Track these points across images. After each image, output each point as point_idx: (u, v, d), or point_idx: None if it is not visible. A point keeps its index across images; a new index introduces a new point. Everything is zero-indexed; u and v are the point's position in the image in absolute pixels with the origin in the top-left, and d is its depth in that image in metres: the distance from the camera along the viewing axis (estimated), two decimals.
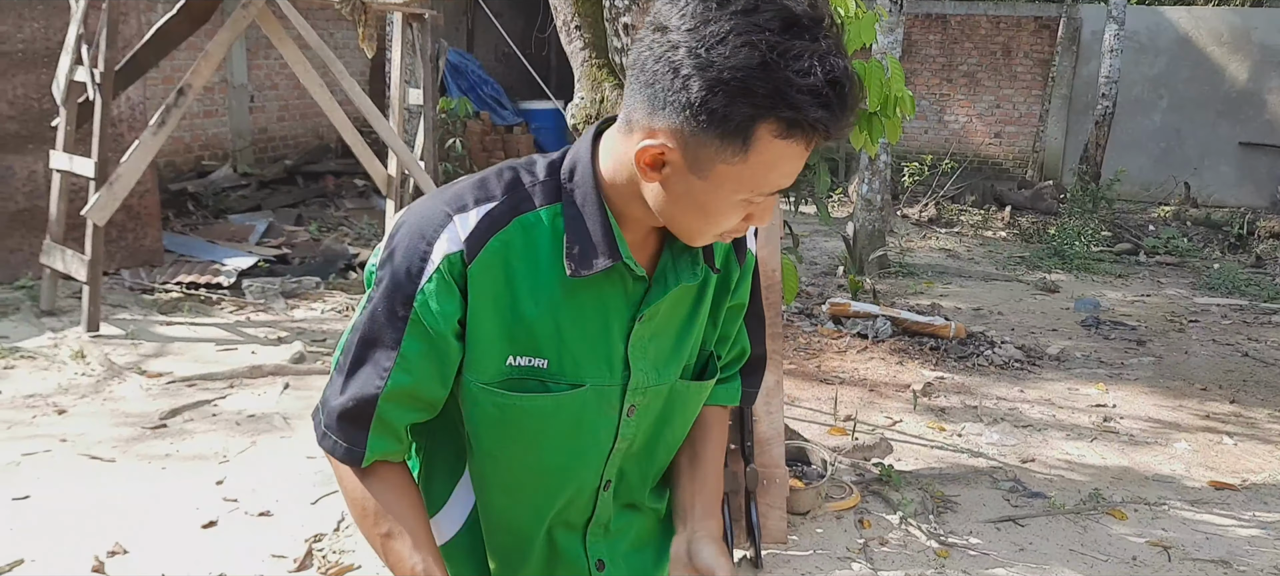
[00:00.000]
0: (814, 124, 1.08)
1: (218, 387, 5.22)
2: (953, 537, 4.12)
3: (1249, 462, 5.10)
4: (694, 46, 1.08)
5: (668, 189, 1.17)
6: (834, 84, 1.07)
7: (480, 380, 1.27)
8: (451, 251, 1.20)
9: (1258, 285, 8.98)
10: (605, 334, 1.29)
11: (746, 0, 1.08)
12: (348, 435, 1.27)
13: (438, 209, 1.23)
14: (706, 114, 1.08)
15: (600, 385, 1.31)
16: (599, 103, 4.30)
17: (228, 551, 3.68)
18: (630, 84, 1.17)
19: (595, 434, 1.34)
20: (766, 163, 1.12)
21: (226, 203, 9.16)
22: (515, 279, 1.23)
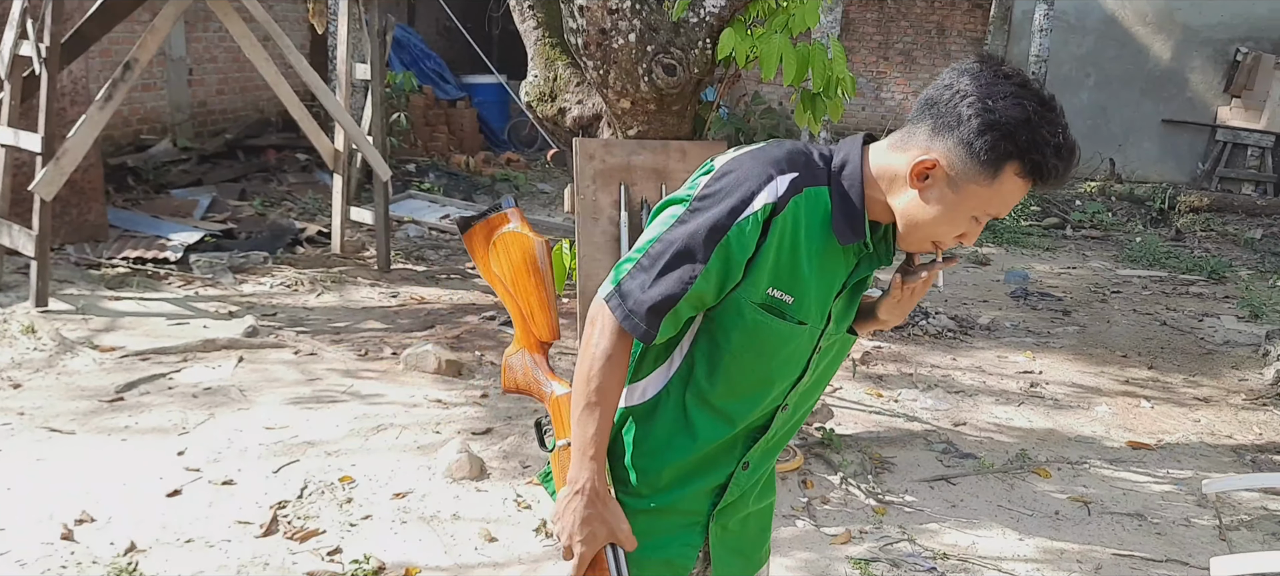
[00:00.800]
0: (1050, 170, 1.51)
1: (172, 361, 5.27)
2: (890, 496, 4.35)
3: (1165, 424, 5.42)
4: (981, 97, 1.50)
5: (923, 195, 1.58)
6: (1069, 148, 1.52)
7: (750, 298, 1.63)
8: (768, 201, 1.57)
9: (1177, 258, 9.39)
10: (829, 289, 1.68)
11: (1022, 78, 1.52)
12: (650, 321, 1.61)
13: (762, 168, 1.60)
14: (980, 144, 1.51)
15: (814, 326, 1.69)
16: (553, 81, 4.44)
17: (194, 518, 3.77)
18: (918, 114, 1.58)
19: (797, 362, 1.71)
20: (1003, 192, 1.54)
21: (167, 177, 9.10)
22: (796, 232, 1.60)
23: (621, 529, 1.70)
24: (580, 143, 3.94)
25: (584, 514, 1.67)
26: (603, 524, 1.68)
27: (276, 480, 4.11)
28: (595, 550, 1.69)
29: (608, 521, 1.69)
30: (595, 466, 1.67)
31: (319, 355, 5.54)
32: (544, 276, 1.86)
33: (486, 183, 10.92)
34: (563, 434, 1.79)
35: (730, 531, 1.84)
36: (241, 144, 10.47)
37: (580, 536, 1.68)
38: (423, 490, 4.09)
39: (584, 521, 1.67)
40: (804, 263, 1.62)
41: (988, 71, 1.53)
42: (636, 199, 3.96)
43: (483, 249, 1.90)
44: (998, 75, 1.53)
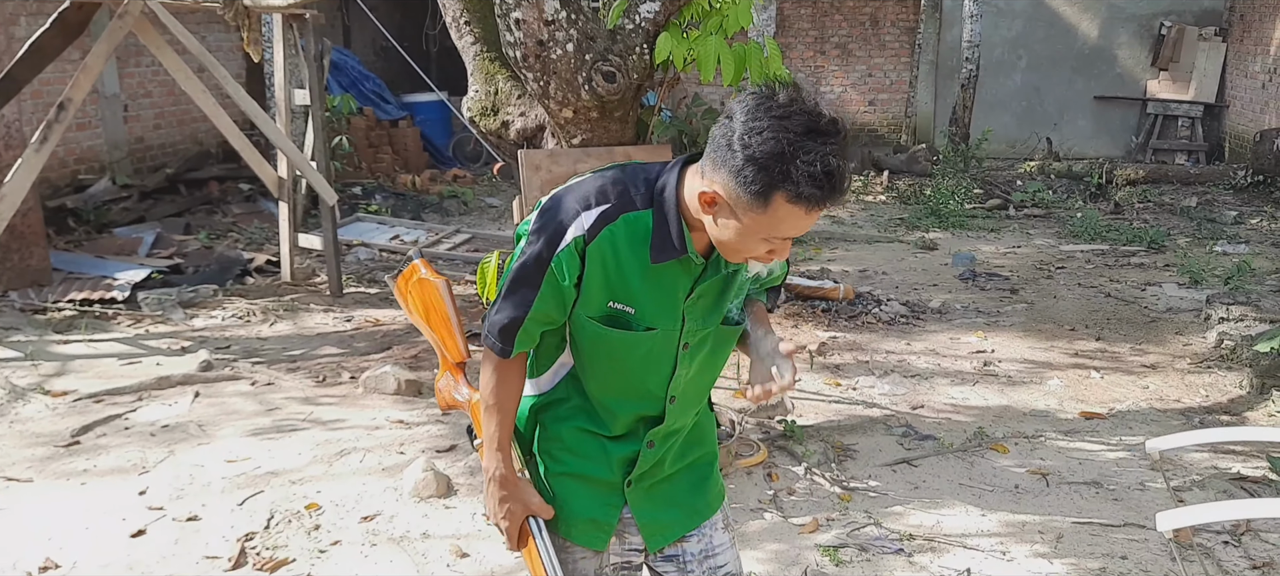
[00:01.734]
0: (810, 198, 1.63)
1: (126, 401, 5.20)
2: (854, 482, 4.42)
3: (1115, 393, 5.55)
4: (742, 133, 1.64)
5: (716, 222, 1.74)
6: (828, 175, 1.62)
7: (587, 314, 1.88)
8: (577, 235, 1.80)
9: (1117, 230, 9.61)
10: (673, 296, 1.88)
11: (785, 109, 1.63)
12: (503, 339, 1.90)
13: (574, 204, 1.82)
14: (742, 178, 1.64)
15: (668, 330, 1.91)
16: (494, 94, 4.45)
17: (160, 557, 3.73)
18: (708, 146, 1.72)
19: (661, 362, 1.94)
20: (778, 218, 1.67)
21: (108, 216, 8.95)
22: (619, 253, 1.82)
23: (534, 502, 2.01)
24: (525, 154, 3.96)
25: (499, 495, 1.99)
26: (516, 501, 2.00)
27: (242, 512, 4.08)
28: (517, 523, 2.00)
29: (520, 498, 2.00)
30: (501, 456, 1.98)
31: (276, 385, 5.50)
32: (449, 311, 2.19)
33: (434, 201, 10.88)
34: (481, 432, 2.08)
35: (655, 491, 2.07)
36: (183, 178, 10.33)
37: (501, 514, 2.00)
38: (391, 511, 4.08)
39: (501, 502, 1.99)
40: (633, 278, 1.85)
41: (756, 104, 1.65)
42: None
43: (404, 295, 2.26)
44: (763, 108, 1.64)
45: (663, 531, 2.10)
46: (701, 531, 2.15)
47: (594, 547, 2.06)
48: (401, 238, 9.23)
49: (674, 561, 2.13)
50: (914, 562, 3.77)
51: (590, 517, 2.04)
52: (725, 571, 2.17)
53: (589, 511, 2.04)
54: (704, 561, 2.14)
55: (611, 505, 2.05)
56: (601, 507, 2.05)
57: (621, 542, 2.09)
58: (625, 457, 2.03)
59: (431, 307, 2.21)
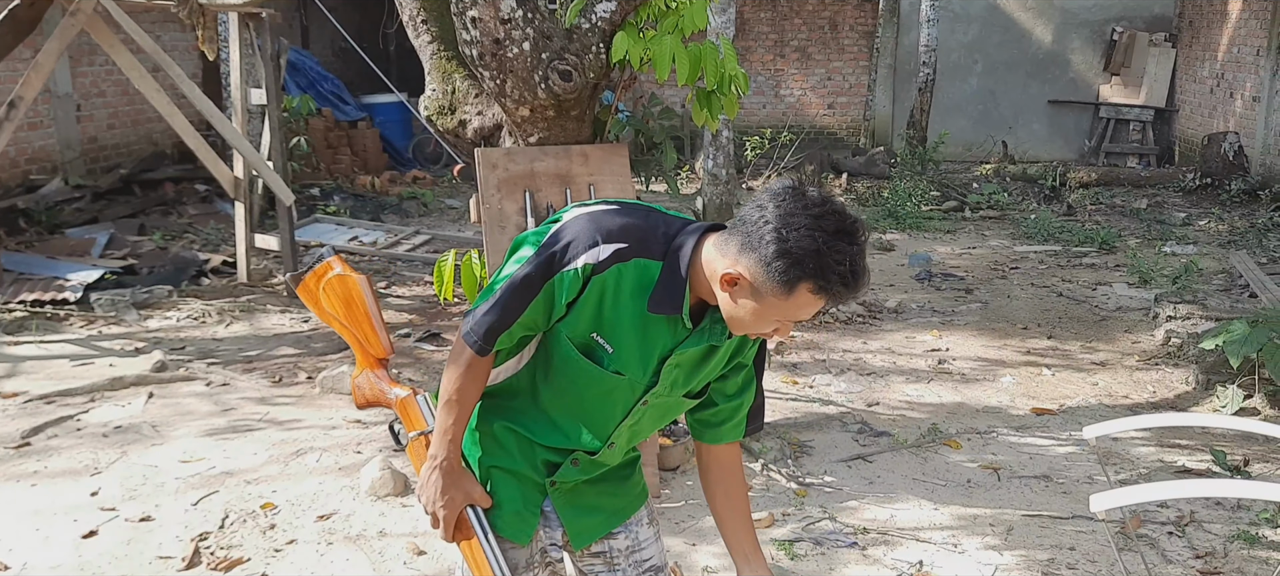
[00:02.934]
0: (837, 293, 1.74)
1: (78, 403, 5.14)
2: (810, 478, 4.47)
3: (1065, 389, 5.65)
4: (778, 225, 1.72)
5: (733, 298, 1.81)
6: (855, 274, 1.73)
7: (569, 334, 1.93)
8: (587, 263, 1.85)
9: (1070, 231, 9.76)
10: (652, 351, 1.94)
11: (819, 208, 1.73)
12: (486, 339, 1.91)
13: (592, 234, 1.86)
14: (773, 268, 1.73)
15: (635, 380, 1.96)
16: (451, 93, 4.45)
17: (113, 558, 3.70)
18: (733, 229, 1.80)
19: (615, 406, 2.00)
20: (798, 305, 1.77)
21: (61, 217, 8.83)
22: (620, 293, 1.89)
23: (475, 491, 2.04)
24: (482, 153, 3.97)
25: (443, 483, 2.00)
26: (459, 490, 2.02)
27: (196, 512, 4.05)
28: (455, 512, 2.02)
29: (463, 487, 2.02)
30: (452, 447, 2.00)
31: (232, 385, 5.45)
32: (370, 306, 2.17)
33: (393, 202, 10.83)
34: (411, 428, 2.10)
35: (578, 494, 2.12)
36: (137, 178, 10.20)
37: (442, 502, 2.01)
38: (347, 510, 4.07)
39: (443, 490, 2.00)
40: (624, 320, 1.91)
41: (792, 200, 1.74)
42: (542, 205, 4.01)
43: (314, 296, 2.19)
44: (800, 204, 1.73)
45: (586, 531, 2.16)
46: (628, 527, 2.21)
47: (519, 541, 2.09)
48: (360, 239, 9.18)
49: (602, 558, 2.20)
50: (868, 556, 3.82)
51: (515, 510, 2.08)
52: (650, 564, 2.23)
53: (514, 504, 2.08)
54: (631, 556, 2.21)
55: (534, 503, 2.10)
56: (525, 503, 2.09)
57: (545, 533, 2.15)
58: (549, 462, 2.08)
59: (352, 303, 2.18)
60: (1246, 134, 11.72)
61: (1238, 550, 3.85)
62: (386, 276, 8.03)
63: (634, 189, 4.15)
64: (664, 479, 4.32)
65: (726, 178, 9.54)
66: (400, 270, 8.22)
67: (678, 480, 4.37)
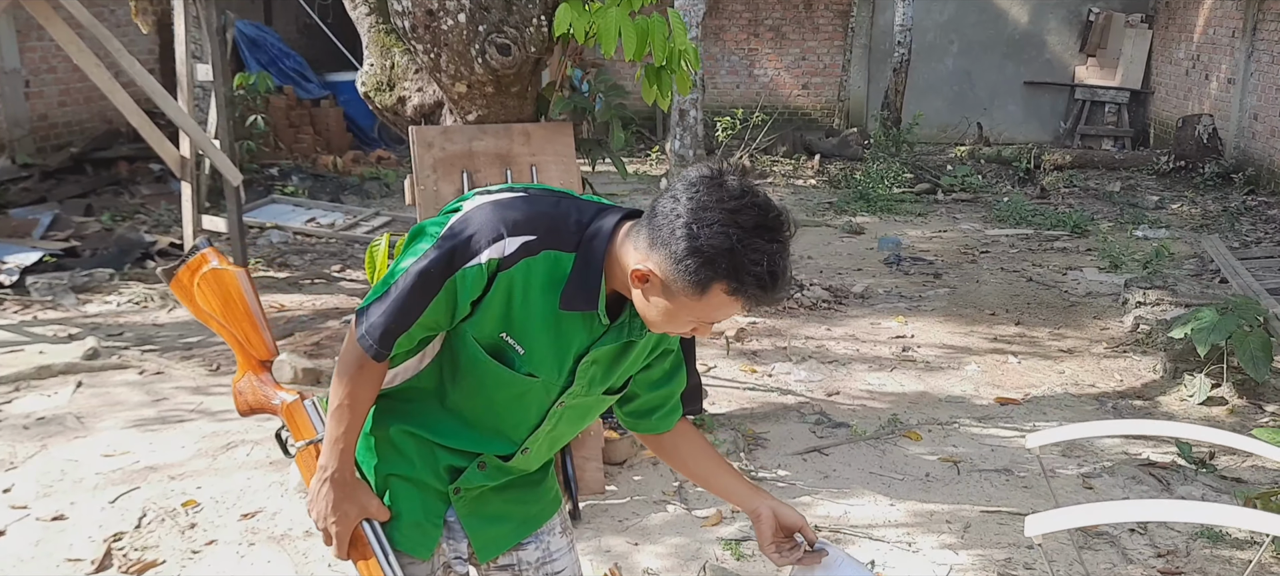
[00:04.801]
0: (751, 295, 1.59)
1: (2, 392, 4.90)
2: (762, 471, 4.29)
3: (1031, 378, 5.50)
4: (690, 221, 1.56)
5: (646, 296, 1.66)
6: (772, 275, 1.57)
7: (475, 334, 1.74)
8: (492, 258, 1.67)
9: (1042, 215, 9.62)
10: (567, 350, 1.77)
11: (736, 200, 1.56)
12: (382, 342, 1.71)
13: (495, 225, 1.68)
14: (683, 266, 1.57)
15: (549, 381, 1.79)
16: (390, 69, 4.24)
17: (18, 560, 3.49)
18: (646, 220, 1.64)
19: (530, 410, 1.83)
20: (713, 306, 1.62)
21: (6, 197, 8.54)
22: (530, 289, 1.70)
23: (371, 504, 1.85)
24: (417, 131, 3.76)
25: (334, 497, 1.81)
26: (353, 503, 1.82)
27: (113, 510, 3.84)
28: (350, 528, 1.83)
29: (357, 500, 1.83)
30: (344, 457, 1.80)
31: (166, 374, 5.23)
32: (250, 303, 1.99)
33: (355, 182, 10.58)
34: (299, 436, 1.93)
35: (484, 501, 1.94)
36: (89, 157, 9.90)
37: (334, 517, 1.82)
38: (273, 508, 3.87)
39: (335, 505, 1.81)
40: (535, 319, 1.73)
41: (707, 190, 1.59)
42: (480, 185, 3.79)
43: (189, 292, 2.01)
44: (715, 196, 1.58)
45: (493, 543, 1.98)
46: (538, 537, 2.03)
47: (419, 555, 1.90)
48: (318, 220, 8.94)
49: (510, 570, 2.02)
50: None
51: (415, 521, 1.89)
52: None
53: (414, 514, 1.89)
54: (540, 568, 2.04)
55: (436, 512, 1.91)
56: (426, 512, 1.90)
57: (449, 546, 1.95)
58: (452, 466, 1.89)
59: (229, 300, 2.00)
60: (1221, 116, 11.61)
61: (1200, 549, 3.70)
62: (343, 259, 7.81)
63: (578, 170, 3.95)
64: (609, 474, 4.14)
65: (694, 159, 9.34)
66: (357, 253, 7.99)
67: (624, 475, 4.18)
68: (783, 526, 1.95)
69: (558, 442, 1.97)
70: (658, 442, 2.05)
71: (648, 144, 13.41)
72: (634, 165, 12.43)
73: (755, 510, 1.96)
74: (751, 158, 12.14)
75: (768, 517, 1.95)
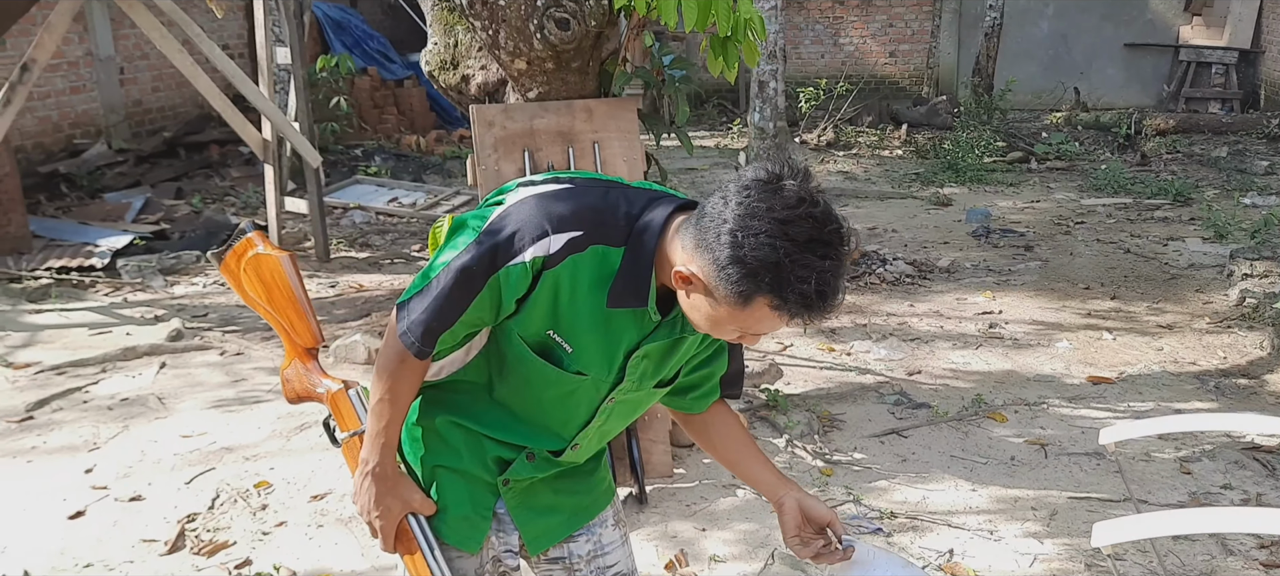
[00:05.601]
0: (797, 314, 1.50)
1: (89, 373, 5.03)
2: (838, 454, 4.16)
3: (1126, 355, 5.23)
4: (735, 229, 1.46)
5: (689, 297, 1.58)
6: (820, 294, 1.47)
7: (521, 332, 1.68)
8: (537, 255, 1.59)
9: (1142, 183, 9.20)
10: (616, 347, 1.70)
11: (789, 210, 1.45)
12: (424, 340, 1.65)
13: (539, 221, 1.60)
14: (725, 274, 1.48)
15: (598, 378, 1.73)
16: (453, 47, 4.19)
17: (95, 541, 3.55)
18: (694, 219, 1.55)
19: (579, 407, 1.77)
20: (756, 318, 1.53)
21: (103, 181, 8.80)
22: (577, 286, 1.63)
23: (414, 498, 1.80)
24: (477, 110, 3.70)
25: (376, 491, 1.77)
26: (396, 498, 1.78)
27: (188, 492, 3.89)
28: (394, 522, 1.79)
29: (400, 495, 1.79)
30: (385, 451, 1.76)
31: (246, 354, 5.30)
32: (294, 289, 1.93)
33: (437, 162, 10.64)
34: (346, 426, 1.87)
35: (534, 492, 1.87)
36: (181, 141, 10.15)
37: (377, 511, 1.78)
38: (342, 490, 3.87)
39: (377, 499, 1.77)
40: (583, 317, 1.66)
41: (759, 195, 1.48)
42: (542, 164, 3.73)
43: (237, 277, 1.95)
44: (767, 203, 1.47)
45: (544, 535, 1.91)
46: (589, 530, 1.96)
47: (467, 549, 1.84)
48: (399, 200, 9.02)
49: (561, 563, 1.94)
50: (893, 543, 3.51)
51: (463, 514, 1.83)
52: (615, 572, 1.98)
53: (462, 507, 1.83)
54: (592, 561, 1.96)
55: (484, 504, 1.85)
56: (474, 504, 1.84)
57: (499, 540, 1.88)
58: (500, 458, 1.83)
59: (274, 286, 1.93)
60: None
61: None
62: (422, 239, 7.85)
63: (642, 147, 3.85)
64: (677, 457, 4.05)
65: (774, 132, 9.17)
66: None
67: (693, 458, 4.09)
68: (810, 520, 1.85)
69: (608, 436, 1.90)
70: (689, 421, 1.97)
71: (729, 117, 13.23)
72: (715, 139, 12.29)
73: (780, 501, 1.87)
74: (835, 129, 11.88)
75: (792, 510, 1.85)
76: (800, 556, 1.84)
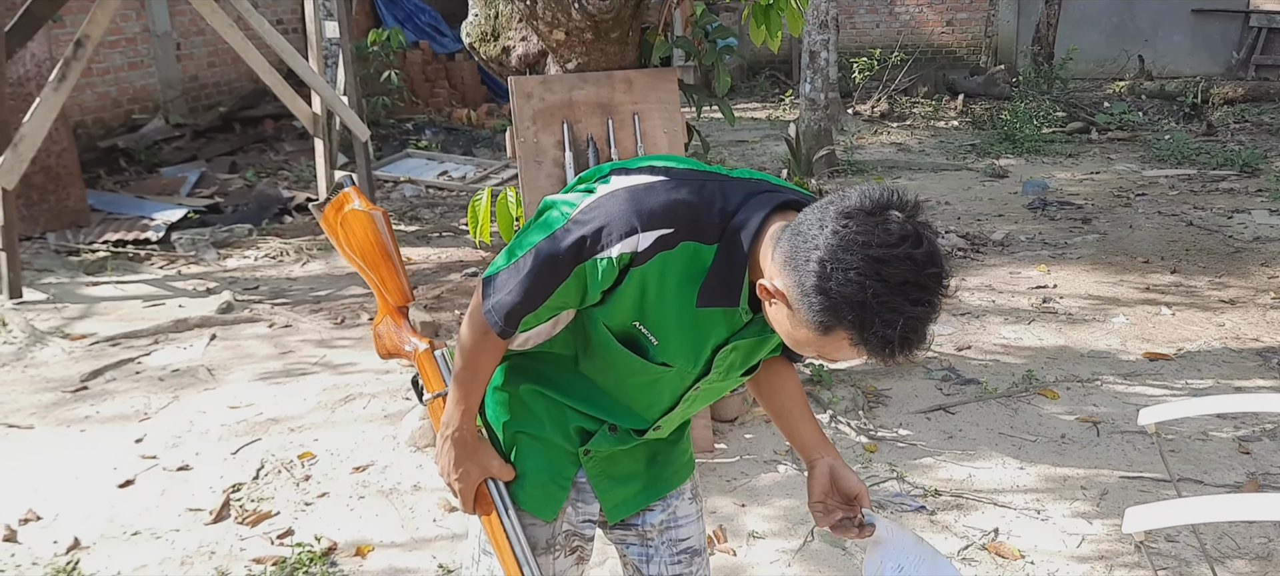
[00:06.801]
0: (879, 356, 1.42)
1: (142, 345, 5.12)
2: (882, 431, 4.09)
3: (1186, 331, 5.08)
4: (825, 259, 1.38)
5: (773, 309, 1.52)
6: (904, 341, 1.38)
7: (606, 321, 1.65)
8: (624, 252, 1.55)
9: (1208, 153, 8.92)
10: (704, 341, 1.66)
11: (887, 249, 1.35)
12: (508, 320, 1.65)
13: (629, 218, 1.55)
14: (808, 301, 1.42)
15: (684, 371, 1.70)
16: (493, 18, 4.16)
17: (143, 509, 3.61)
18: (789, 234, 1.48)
19: (662, 395, 1.75)
20: (834, 347, 1.46)
21: (160, 156, 8.95)
22: (665, 283, 1.59)
23: (493, 465, 1.81)
24: (515, 81, 3.67)
25: (455, 455, 1.79)
26: (474, 463, 1.80)
27: (234, 462, 3.94)
28: (472, 487, 1.81)
29: (479, 460, 1.80)
30: (465, 417, 1.77)
31: (294, 327, 5.36)
32: (387, 247, 1.93)
33: (487, 135, 10.66)
34: (431, 387, 1.88)
35: (615, 462, 1.86)
36: (237, 116, 10.28)
37: (456, 475, 1.80)
38: (384, 461, 3.90)
39: (457, 462, 1.79)
40: (671, 312, 1.62)
41: (859, 226, 1.38)
42: (582, 137, 3.69)
43: (335, 230, 1.96)
44: (864, 235, 1.37)
45: (623, 504, 1.90)
46: (666, 501, 1.94)
47: (543, 517, 1.84)
48: (449, 173, 9.05)
49: (634, 530, 1.94)
50: (936, 521, 3.45)
51: (541, 482, 1.83)
52: (687, 546, 1.96)
53: (540, 475, 1.83)
54: (665, 532, 1.94)
55: (564, 474, 1.84)
56: (554, 472, 1.84)
57: (576, 510, 1.88)
58: (582, 428, 1.82)
59: (368, 244, 1.94)
60: None
61: None
62: None
63: (683, 119, 3.79)
64: (719, 431, 4.01)
65: (826, 103, 9.04)
66: None
67: (735, 433, 4.05)
68: (839, 488, 1.81)
69: (690, 414, 1.89)
70: None
71: (781, 88, 13.08)
72: (766, 111, 12.16)
73: (813, 462, 1.84)
74: (889, 99, 11.68)
75: (823, 474, 1.82)
76: (820, 524, 1.82)
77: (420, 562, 3.27)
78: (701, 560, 1.98)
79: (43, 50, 6.64)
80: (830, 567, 3.20)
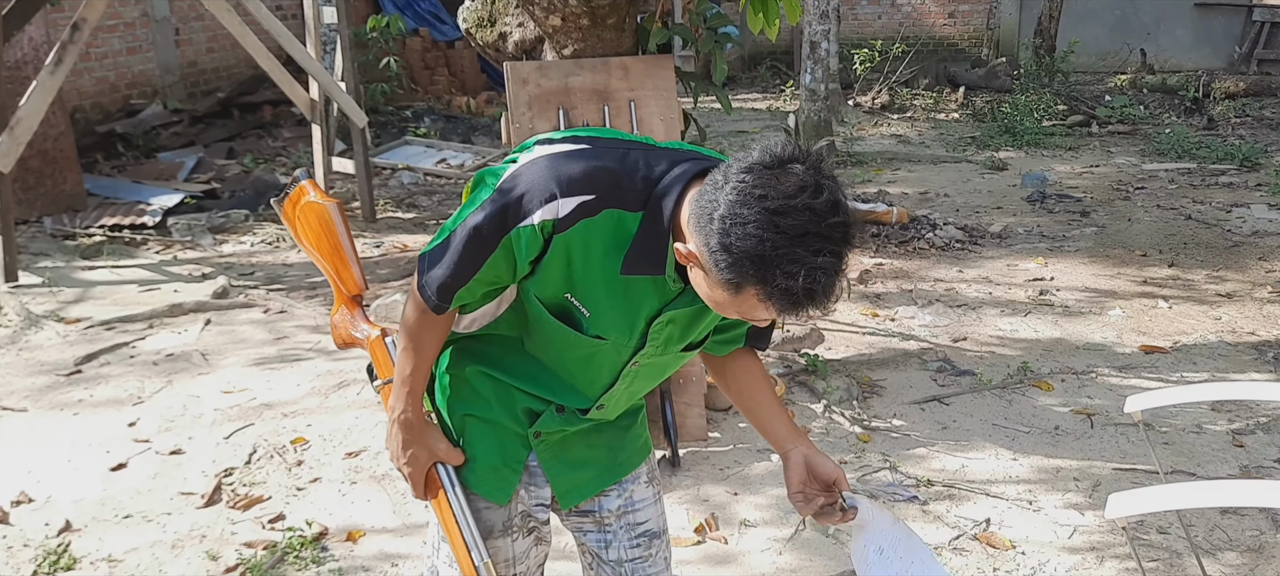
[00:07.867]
0: (784, 309, 1.42)
1: (137, 329, 5.11)
2: (876, 421, 4.09)
3: (1182, 324, 5.08)
4: (724, 215, 1.39)
5: (691, 272, 1.52)
6: (808, 292, 1.38)
7: (537, 294, 1.65)
8: (546, 219, 1.54)
9: (1208, 147, 8.91)
10: (636, 312, 1.66)
11: (785, 199, 1.36)
12: (440, 295, 1.65)
13: (548, 183, 1.55)
14: (715, 259, 1.42)
15: (619, 343, 1.69)
16: (490, 4, 4.15)
17: (135, 492, 3.61)
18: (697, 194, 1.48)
19: (601, 370, 1.74)
20: (748, 306, 1.46)
21: (158, 141, 8.92)
22: (590, 251, 1.58)
23: (440, 448, 1.81)
24: (511, 67, 3.66)
25: (403, 439, 1.80)
26: (422, 447, 1.80)
27: (227, 446, 3.93)
28: (421, 471, 1.82)
29: (427, 443, 1.80)
30: (411, 399, 1.77)
31: (289, 312, 5.35)
32: (341, 237, 1.95)
33: (486, 123, 10.63)
34: (383, 373, 1.89)
35: (567, 446, 1.86)
36: (236, 102, 10.24)
37: (404, 459, 1.81)
38: (376, 447, 3.89)
39: (404, 446, 1.80)
40: (598, 281, 1.62)
41: (755, 181, 1.39)
42: (577, 123, 3.68)
43: (293, 222, 1.97)
44: (762, 188, 1.38)
45: (575, 489, 1.89)
46: (622, 486, 1.93)
47: (495, 500, 1.84)
48: (447, 161, 9.03)
49: (590, 517, 1.93)
50: (928, 511, 3.44)
51: (492, 465, 1.83)
52: (645, 530, 1.95)
53: (490, 458, 1.83)
54: (623, 517, 1.94)
55: (515, 456, 1.83)
56: (505, 455, 1.83)
57: (529, 493, 1.87)
58: (530, 409, 1.81)
59: (322, 234, 1.95)
60: None
61: None
62: None
63: (679, 106, 3.78)
64: (712, 420, 4.01)
65: (826, 93, 9.02)
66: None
67: (728, 421, 4.05)
68: (816, 477, 1.80)
69: (636, 395, 1.87)
70: (710, 360, 1.93)
71: (783, 78, 13.05)
72: (767, 101, 12.14)
73: (787, 454, 1.82)
74: (890, 91, 11.65)
75: (798, 463, 1.80)
76: (802, 513, 1.81)
77: (411, 548, 3.26)
78: (661, 542, 1.98)
79: (40, 33, 6.63)
80: (822, 556, 3.20)
